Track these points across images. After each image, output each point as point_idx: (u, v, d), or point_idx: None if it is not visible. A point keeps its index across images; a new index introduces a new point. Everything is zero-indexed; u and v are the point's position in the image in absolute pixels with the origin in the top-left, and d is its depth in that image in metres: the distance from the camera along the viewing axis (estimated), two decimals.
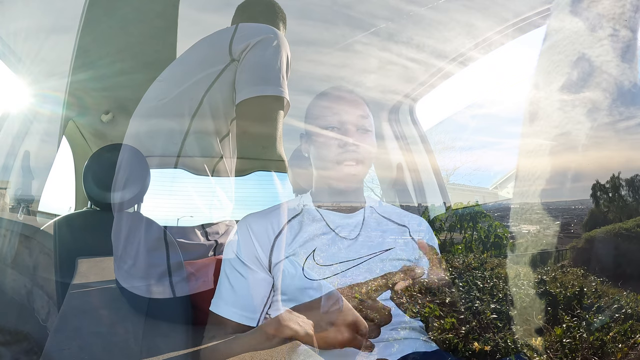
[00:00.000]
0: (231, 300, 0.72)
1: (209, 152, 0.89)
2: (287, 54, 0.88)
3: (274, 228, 0.76)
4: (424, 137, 1.78)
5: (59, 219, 1.28)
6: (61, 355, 0.67)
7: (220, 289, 0.74)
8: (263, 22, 0.95)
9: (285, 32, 1.06)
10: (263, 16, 1.01)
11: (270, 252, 0.74)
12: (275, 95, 0.84)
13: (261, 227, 0.76)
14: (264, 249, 0.74)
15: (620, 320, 0.63)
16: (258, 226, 0.76)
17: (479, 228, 1.30)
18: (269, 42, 0.85)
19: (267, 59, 0.84)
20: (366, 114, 0.81)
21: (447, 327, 0.65)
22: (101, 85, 1.46)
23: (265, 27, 0.90)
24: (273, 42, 0.85)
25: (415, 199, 1.77)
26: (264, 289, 0.73)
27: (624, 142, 0.74)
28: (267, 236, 0.75)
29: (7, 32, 1.23)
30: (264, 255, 0.74)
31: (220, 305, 0.72)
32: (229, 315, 0.71)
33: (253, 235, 0.75)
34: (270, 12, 1.03)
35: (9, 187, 1.37)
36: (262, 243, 0.74)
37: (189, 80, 0.87)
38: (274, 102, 0.84)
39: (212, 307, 0.73)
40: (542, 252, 0.82)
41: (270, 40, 0.85)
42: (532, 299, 0.70)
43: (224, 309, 0.71)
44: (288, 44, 0.89)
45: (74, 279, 0.98)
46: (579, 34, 0.74)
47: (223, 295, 0.73)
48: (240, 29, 0.89)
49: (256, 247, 0.74)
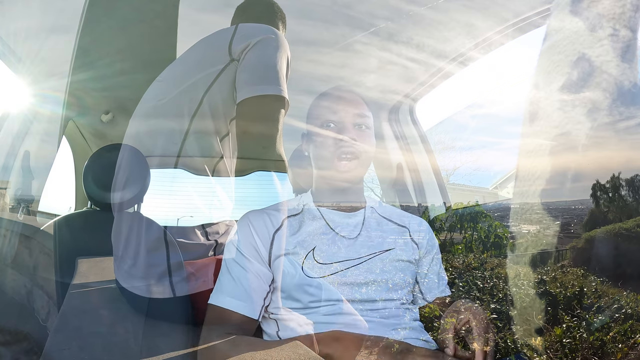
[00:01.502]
0: (231, 292, 0.72)
1: (209, 151, 0.89)
2: (287, 54, 0.88)
3: (273, 223, 0.77)
4: (424, 137, 1.78)
5: (59, 219, 1.28)
6: (61, 355, 0.67)
7: (221, 282, 0.74)
8: (263, 23, 0.95)
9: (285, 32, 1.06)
10: (263, 16, 1.01)
11: (270, 246, 0.75)
12: (276, 94, 0.84)
13: (261, 221, 0.77)
14: (263, 242, 0.75)
15: (620, 320, 0.63)
16: (258, 221, 0.77)
17: (479, 228, 1.30)
18: (269, 42, 0.85)
19: (267, 58, 0.84)
20: (364, 112, 0.82)
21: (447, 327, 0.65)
22: (101, 85, 1.45)
23: (265, 27, 0.90)
24: (273, 42, 0.85)
25: (415, 199, 1.77)
26: (263, 282, 0.74)
27: (624, 142, 0.74)
28: (267, 230, 0.76)
29: (7, 32, 1.23)
30: (263, 249, 0.75)
31: (220, 297, 0.72)
32: (229, 305, 0.71)
33: (253, 230, 0.76)
34: (270, 13, 1.03)
35: (9, 187, 1.37)
36: (262, 237, 0.75)
37: (188, 80, 0.87)
38: (274, 102, 0.84)
39: (212, 300, 0.73)
40: (542, 252, 0.82)
41: (270, 40, 0.85)
42: (532, 299, 0.70)
43: (224, 300, 0.71)
44: (288, 44, 0.89)
45: (74, 279, 0.98)
46: (579, 34, 0.73)
47: (223, 288, 0.73)
48: (240, 29, 0.89)
49: (256, 240, 0.75)
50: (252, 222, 0.77)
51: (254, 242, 0.75)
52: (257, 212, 0.79)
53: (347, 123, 0.80)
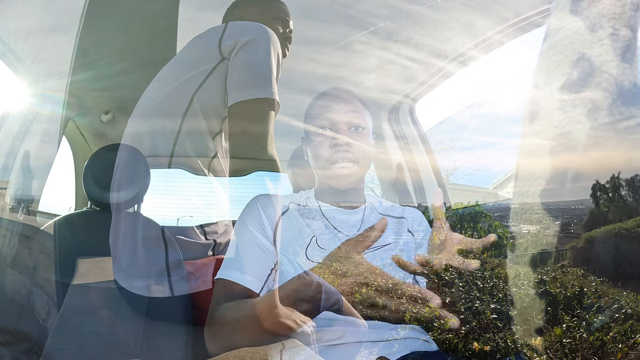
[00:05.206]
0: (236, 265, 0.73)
1: (202, 150, 0.89)
2: (278, 51, 0.87)
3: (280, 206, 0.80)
4: (424, 137, 1.77)
5: (59, 219, 1.28)
6: (61, 355, 0.67)
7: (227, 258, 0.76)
8: (255, 20, 0.93)
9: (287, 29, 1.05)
10: (254, 14, 1.00)
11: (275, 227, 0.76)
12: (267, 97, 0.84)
13: (269, 203, 0.79)
14: (270, 222, 0.77)
15: (620, 320, 0.63)
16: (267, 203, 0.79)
17: (479, 228, 1.30)
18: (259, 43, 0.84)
19: (258, 60, 0.84)
20: (360, 112, 0.83)
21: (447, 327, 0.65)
22: (101, 85, 1.45)
23: (255, 25, 0.89)
24: (262, 42, 0.85)
25: (415, 199, 1.77)
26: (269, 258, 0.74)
27: (624, 142, 0.74)
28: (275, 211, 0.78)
29: (7, 32, 1.23)
30: (269, 228, 0.76)
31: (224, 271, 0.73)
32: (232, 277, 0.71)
33: (261, 209, 0.78)
34: (264, 10, 1.02)
35: (9, 187, 1.37)
36: (270, 217, 0.77)
37: (180, 79, 0.87)
38: (265, 104, 0.84)
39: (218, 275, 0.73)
40: (542, 252, 0.82)
41: (260, 40, 0.85)
42: (532, 299, 0.70)
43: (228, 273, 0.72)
44: (279, 41, 0.89)
45: (74, 279, 0.98)
46: (579, 34, 0.73)
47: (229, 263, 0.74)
48: (230, 27, 0.89)
49: (263, 219, 0.77)
50: (261, 203, 0.79)
51: (261, 220, 0.76)
52: (265, 196, 0.82)
53: (342, 126, 0.80)
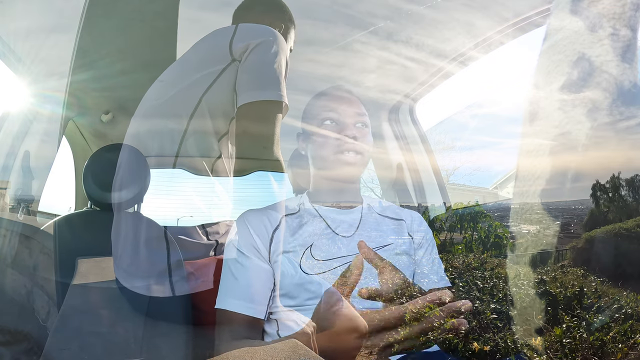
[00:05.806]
0: (235, 293, 0.71)
1: (207, 151, 0.89)
2: (286, 55, 0.88)
3: (271, 222, 0.77)
4: (424, 137, 1.77)
5: (59, 219, 1.28)
6: (61, 355, 0.67)
7: (224, 284, 0.74)
8: (265, 23, 0.95)
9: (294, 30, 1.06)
10: (264, 16, 1.01)
11: (269, 244, 0.75)
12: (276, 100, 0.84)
13: (259, 221, 0.77)
14: (263, 241, 0.75)
15: (620, 320, 0.63)
16: (256, 220, 0.77)
17: (479, 228, 1.30)
18: (269, 45, 0.85)
19: (268, 62, 0.85)
20: (362, 111, 0.83)
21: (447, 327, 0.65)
22: (101, 85, 1.45)
23: (265, 28, 0.90)
24: (273, 45, 0.86)
25: (415, 199, 1.76)
26: (266, 279, 0.73)
27: (624, 142, 0.74)
28: (265, 229, 0.76)
29: (7, 32, 1.23)
30: (263, 247, 0.74)
31: (224, 299, 0.72)
32: (234, 307, 0.70)
33: (251, 229, 0.76)
34: (273, 12, 1.03)
35: (9, 187, 1.37)
36: (261, 235, 0.75)
37: (188, 80, 0.88)
38: (274, 106, 0.85)
39: (217, 304, 0.72)
40: (542, 252, 0.82)
41: (270, 43, 0.86)
42: (532, 299, 0.70)
43: (228, 302, 0.71)
44: (286, 43, 0.90)
45: (74, 279, 0.98)
46: (579, 34, 0.73)
47: (227, 290, 0.72)
48: (240, 29, 0.89)
49: (255, 239, 0.75)
50: (249, 221, 0.77)
51: (253, 241, 0.75)
52: (254, 212, 0.79)
53: (348, 121, 0.80)
